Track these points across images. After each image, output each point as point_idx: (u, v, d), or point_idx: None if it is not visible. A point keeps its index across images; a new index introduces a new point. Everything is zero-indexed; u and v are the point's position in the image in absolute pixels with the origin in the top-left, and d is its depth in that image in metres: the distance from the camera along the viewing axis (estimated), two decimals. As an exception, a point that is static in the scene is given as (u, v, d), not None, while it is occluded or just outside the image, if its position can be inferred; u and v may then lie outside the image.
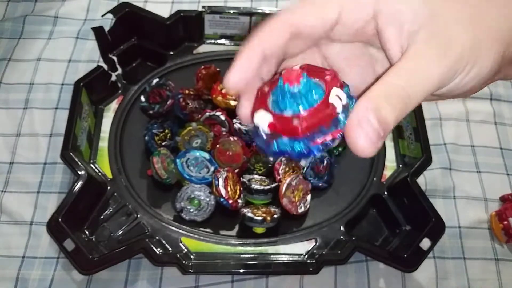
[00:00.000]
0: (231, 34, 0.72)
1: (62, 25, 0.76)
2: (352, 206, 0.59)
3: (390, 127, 0.23)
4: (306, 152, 0.25)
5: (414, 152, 0.61)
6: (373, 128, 0.23)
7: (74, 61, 0.72)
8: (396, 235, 0.58)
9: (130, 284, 0.55)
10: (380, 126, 0.23)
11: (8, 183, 0.61)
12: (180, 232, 0.56)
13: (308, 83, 0.24)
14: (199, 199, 0.57)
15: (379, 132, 0.23)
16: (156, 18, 0.68)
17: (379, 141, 0.23)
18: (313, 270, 0.53)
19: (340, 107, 0.24)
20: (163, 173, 0.57)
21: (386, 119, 0.23)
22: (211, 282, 0.55)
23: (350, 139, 0.23)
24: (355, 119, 0.23)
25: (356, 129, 0.23)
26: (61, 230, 0.52)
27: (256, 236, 0.56)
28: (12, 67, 0.71)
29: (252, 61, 0.26)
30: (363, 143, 0.23)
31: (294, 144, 0.24)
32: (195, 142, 0.62)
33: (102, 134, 0.64)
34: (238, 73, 0.26)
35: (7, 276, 0.55)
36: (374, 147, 0.23)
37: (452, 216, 0.61)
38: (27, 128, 0.66)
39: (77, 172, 0.56)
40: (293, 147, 0.25)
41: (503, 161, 0.66)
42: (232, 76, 0.26)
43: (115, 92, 0.67)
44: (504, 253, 0.59)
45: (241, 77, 0.26)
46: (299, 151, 0.25)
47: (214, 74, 0.66)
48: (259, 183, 0.58)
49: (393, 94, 0.23)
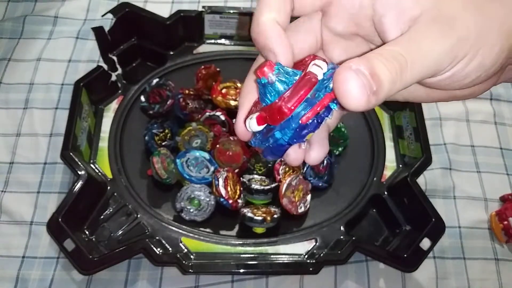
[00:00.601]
0: (231, 34, 0.72)
1: (62, 25, 0.76)
2: (352, 206, 0.59)
3: (383, 85, 0.21)
4: (302, 131, 0.23)
5: (414, 152, 0.61)
6: (364, 76, 0.21)
7: (74, 61, 0.72)
8: (396, 235, 0.58)
9: (130, 284, 0.55)
10: (372, 78, 0.21)
11: (8, 183, 0.61)
12: (180, 232, 0.56)
13: (284, 70, 0.24)
14: (199, 199, 0.57)
15: (371, 84, 0.21)
16: (156, 18, 0.68)
17: (372, 95, 0.21)
18: (313, 270, 0.53)
19: (320, 74, 0.23)
20: (163, 173, 0.57)
21: (379, 75, 0.21)
22: (211, 282, 0.55)
23: (339, 86, 0.21)
24: (345, 67, 0.21)
25: (345, 74, 0.21)
26: (61, 230, 0.52)
27: (256, 236, 0.57)
28: (12, 67, 0.71)
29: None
30: (353, 89, 0.21)
31: (287, 131, 0.23)
32: (195, 142, 0.62)
33: (102, 134, 0.64)
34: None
35: (7, 276, 0.55)
36: (366, 98, 0.21)
37: (452, 216, 0.61)
38: (27, 128, 0.66)
39: (77, 172, 0.56)
40: (287, 133, 0.23)
41: (503, 161, 0.66)
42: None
43: (115, 92, 0.67)
44: (504, 253, 0.59)
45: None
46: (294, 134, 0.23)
47: (214, 74, 0.66)
48: (259, 183, 0.58)
49: (388, 55, 0.22)
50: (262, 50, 0.25)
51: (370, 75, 0.21)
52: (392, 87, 0.22)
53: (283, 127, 0.24)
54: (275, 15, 0.25)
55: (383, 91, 0.21)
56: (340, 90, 0.21)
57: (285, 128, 0.23)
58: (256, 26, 0.25)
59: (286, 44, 0.25)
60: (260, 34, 0.25)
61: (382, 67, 0.21)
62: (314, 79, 0.23)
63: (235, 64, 0.70)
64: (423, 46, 0.22)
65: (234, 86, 0.65)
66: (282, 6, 0.25)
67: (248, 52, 0.71)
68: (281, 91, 0.23)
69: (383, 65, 0.21)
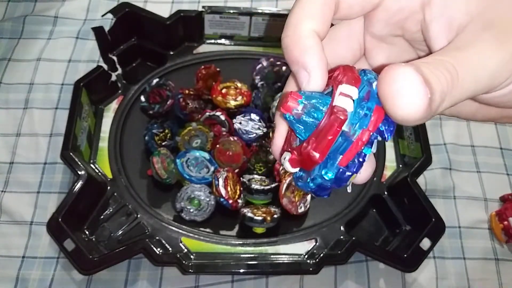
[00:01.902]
0: (231, 34, 0.72)
1: (62, 25, 0.76)
2: (352, 206, 0.59)
3: (435, 96, 0.17)
4: (344, 174, 0.20)
5: (414, 152, 0.61)
6: (415, 78, 0.17)
7: (74, 61, 0.72)
8: (396, 235, 0.58)
9: (130, 284, 0.55)
10: (425, 83, 0.17)
11: (8, 183, 0.61)
12: (180, 232, 0.56)
13: (310, 100, 0.21)
14: (199, 199, 0.57)
15: (425, 90, 0.17)
16: (156, 18, 0.68)
17: (427, 101, 0.17)
18: (313, 270, 0.53)
19: (350, 105, 0.20)
20: (163, 173, 0.57)
21: (431, 82, 0.17)
22: (211, 282, 0.55)
23: (386, 88, 0.17)
24: (392, 66, 0.18)
25: (394, 71, 0.17)
26: (61, 230, 0.52)
27: (256, 236, 0.56)
28: (12, 67, 0.71)
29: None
30: (406, 89, 0.17)
31: (324, 173, 0.21)
32: (195, 142, 0.62)
33: (102, 134, 0.64)
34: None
35: (7, 276, 0.55)
36: (426, 101, 0.17)
37: (452, 216, 0.61)
38: (27, 128, 0.66)
39: (77, 172, 0.56)
40: (329, 174, 0.21)
41: (503, 161, 0.66)
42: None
43: (115, 92, 0.67)
44: (504, 253, 0.59)
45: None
46: (336, 177, 0.20)
47: (214, 74, 0.66)
48: (259, 183, 0.58)
49: (437, 65, 0.18)
50: (293, 63, 0.22)
51: (423, 80, 0.17)
52: (441, 102, 0.18)
53: (322, 168, 0.21)
54: (315, 24, 0.21)
55: (435, 102, 0.18)
56: (388, 92, 0.18)
57: (326, 169, 0.21)
58: (292, 34, 0.21)
59: (324, 63, 0.21)
60: (296, 46, 0.21)
61: (432, 75, 0.18)
62: (343, 115, 0.20)
63: (235, 64, 0.70)
64: (475, 58, 0.19)
65: (234, 86, 0.65)
66: (325, 13, 0.22)
67: (248, 52, 0.71)
68: (310, 124, 0.21)
69: (432, 73, 0.18)
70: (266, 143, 0.61)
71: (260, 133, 0.62)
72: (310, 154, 0.20)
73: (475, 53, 0.19)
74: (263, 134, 0.62)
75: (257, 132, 0.62)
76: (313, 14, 0.21)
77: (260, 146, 0.61)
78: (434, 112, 0.18)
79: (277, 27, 0.70)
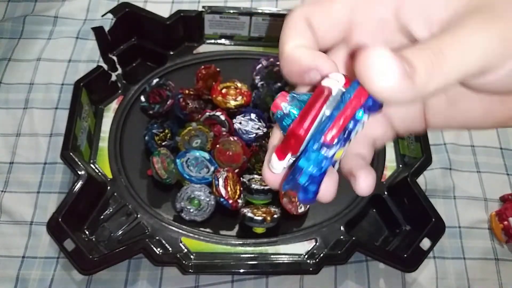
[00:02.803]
0: (231, 34, 0.72)
1: (62, 25, 0.76)
2: (352, 206, 0.59)
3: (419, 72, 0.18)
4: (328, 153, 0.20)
5: (414, 152, 0.61)
6: (386, 53, 0.17)
7: (74, 61, 0.72)
8: (396, 235, 0.58)
9: (130, 284, 0.55)
10: (403, 60, 0.18)
11: (8, 183, 0.61)
12: (180, 232, 0.56)
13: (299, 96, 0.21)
14: (199, 199, 0.57)
15: (404, 64, 0.17)
16: (156, 18, 0.68)
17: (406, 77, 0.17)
18: (313, 270, 0.53)
19: (335, 86, 0.20)
20: (163, 173, 0.57)
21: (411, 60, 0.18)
22: (211, 282, 0.55)
23: (361, 64, 0.18)
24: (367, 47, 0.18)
25: (369, 52, 0.18)
26: (61, 230, 0.52)
27: (256, 236, 0.56)
28: (12, 67, 0.71)
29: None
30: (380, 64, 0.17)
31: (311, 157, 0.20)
32: (195, 142, 0.62)
33: (102, 134, 0.64)
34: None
35: (7, 276, 0.55)
36: (399, 76, 0.17)
37: (452, 216, 0.61)
38: (27, 128, 0.66)
39: (77, 172, 0.56)
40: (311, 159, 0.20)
41: (503, 161, 0.66)
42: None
43: (115, 92, 0.67)
44: (504, 253, 0.59)
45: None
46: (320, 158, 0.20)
47: (214, 74, 0.66)
48: (259, 183, 0.58)
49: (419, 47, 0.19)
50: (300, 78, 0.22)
51: (400, 57, 0.18)
52: (429, 79, 0.18)
53: (306, 154, 0.20)
54: (300, 41, 0.22)
55: (420, 77, 0.18)
56: (364, 69, 0.18)
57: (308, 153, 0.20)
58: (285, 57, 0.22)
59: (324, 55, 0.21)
60: (291, 62, 0.22)
61: (412, 54, 0.18)
62: (327, 91, 0.20)
63: (235, 64, 0.70)
64: (461, 38, 0.19)
65: (234, 86, 0.65)
66: (305, 32, 0.22)
67: (248, 52, 0.71)
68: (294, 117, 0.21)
69: (412, 53, 0.18)
70: (266, 143, 0.61)
71: (260, 133, 0.62)
72: (295, 130, 0.20)
73: (461, 35, 0.19)
74: (263, 134, 0.62)
75: (257, 132, 0.62)
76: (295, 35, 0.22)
77: (260, 146, 0.61)
78: (423, 88, 0.18)
79: (277, 27, 0.70)
